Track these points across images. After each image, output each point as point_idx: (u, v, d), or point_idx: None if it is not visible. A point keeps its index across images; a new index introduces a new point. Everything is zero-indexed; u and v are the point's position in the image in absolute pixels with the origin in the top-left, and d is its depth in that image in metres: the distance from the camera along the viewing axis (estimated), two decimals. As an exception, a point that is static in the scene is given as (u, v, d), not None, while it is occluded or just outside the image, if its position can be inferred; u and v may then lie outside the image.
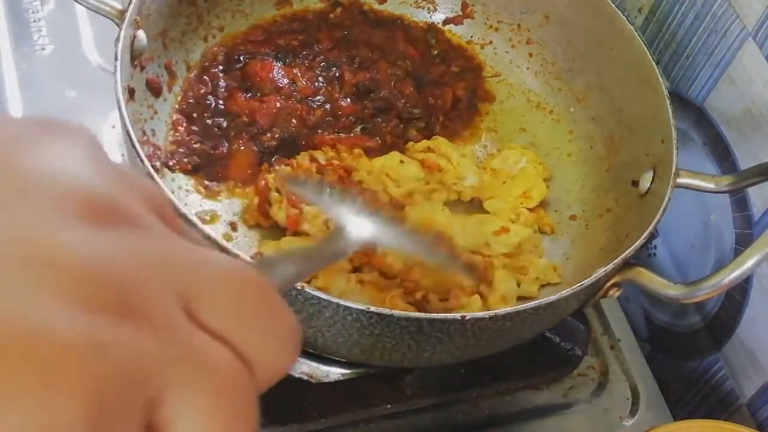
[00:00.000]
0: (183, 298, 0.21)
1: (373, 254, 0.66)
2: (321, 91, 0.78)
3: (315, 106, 0.77)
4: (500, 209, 0.74)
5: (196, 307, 0.22)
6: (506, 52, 0.85)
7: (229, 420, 0.21)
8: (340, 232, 0.47)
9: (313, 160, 0.72)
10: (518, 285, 0.70)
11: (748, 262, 0.57)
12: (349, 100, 0.78)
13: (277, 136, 0.74)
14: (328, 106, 0.77)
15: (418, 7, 0.87)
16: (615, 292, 0.63)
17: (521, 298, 0.69)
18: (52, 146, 0.22)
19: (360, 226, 0.48)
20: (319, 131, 0.75)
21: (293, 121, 0.75)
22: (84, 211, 0.20)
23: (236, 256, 0.52)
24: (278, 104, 0.75)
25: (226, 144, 0.73)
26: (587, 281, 0.58)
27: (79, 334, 0.18)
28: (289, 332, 0.24)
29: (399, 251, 0.58)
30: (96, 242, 0.20)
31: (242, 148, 0.73)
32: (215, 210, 0.71)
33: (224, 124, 0.74)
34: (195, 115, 0.74)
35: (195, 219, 0.56)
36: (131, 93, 0.66)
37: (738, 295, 0.74)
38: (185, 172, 0.71)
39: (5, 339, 0.18)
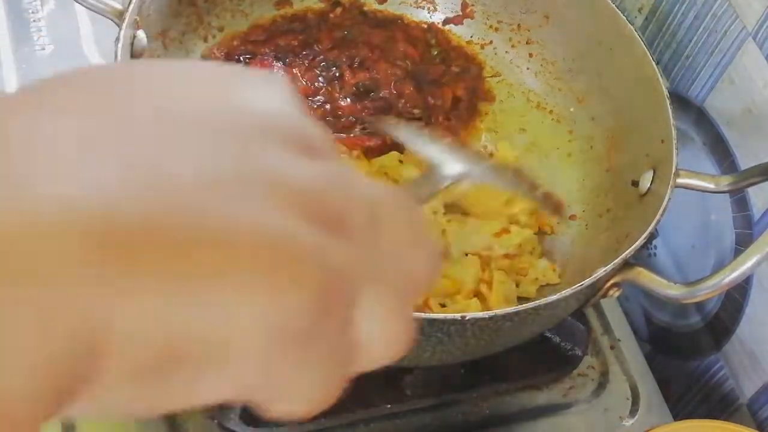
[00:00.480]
0: (373, 219, 0.25)
1: None
2: (321, 91, 0.78)
3: (315, 106, 0.77)
4: (485, 216, 0.74)
5: (381, 226, 0.25)
6: (506, 52, 0.85)
7: (401, 325, 0.25)
8: (434, 169, 0.52)
9: None
10: (517, 286, 0.70)
11: (748, 262, 0.57)
12: (349, 100, 0.78)
13: (277, 136, 0.74)
14: (328, 106, 0.77)
15: (418, 7, 0.87)
16: (615, 292, 0.63)
17: (520, 299, 0.69)
18: (258, 88, 0.25)
19: (452, 164, 0.52)
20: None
21: (293, 121, 0.75)
22: (296, 144, 0.24)
23: None
24: (278, 104, 0.75)
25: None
26: (587, 281, 0.58)
27: (312, 242, 0.22)
28: (436, 247, 0.28)
29: (487, 185, 0.62)
30: (311, 170, 0.23)
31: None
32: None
33: (224, 124, 0.74)
34: (195, 115, 0.74)
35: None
36: (131, 93, 0.66)
37: (738, 295, 0.74)
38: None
39: (256, 244, 0.21)
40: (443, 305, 0.67)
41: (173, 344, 0.20)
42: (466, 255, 0.70)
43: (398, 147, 0.76)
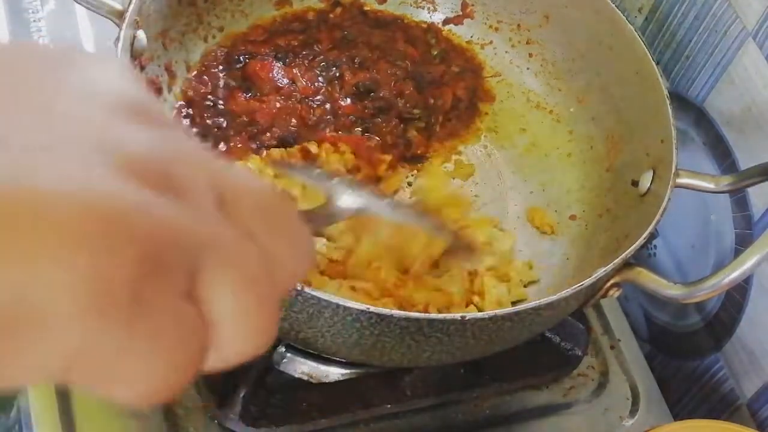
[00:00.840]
0: (218, 193, 0.24)
1: (367, 267, 0.66)
2: (321, 91, 0.78)
3: (315, 105, 0.77)
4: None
5: (230, 204, 0.24)
6: (506, 52, 0.85)
7: (257, 310, 0.24)
8: (331, 202, 0.51)
9: (305, 152, 0.72)
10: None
11: (748, 262, 0.57)
12: (349, 100, 0.78)
13: (276, 136, 0.74)
14: (328, 106, 0.77)
15: (418, 7, 0.87)
16: (615, 292, 0.63)
17: (513, 303, 0.69)
18: (94, 65, 0.26)
19: (349, 198, 0.52)
20: (319, 131, 0.75)
21: (293, 120, 0.75)
22: (130, 113, 0.24)
23: None
24: (278, 104, 0.75)
25: (226, 144, 0.73)
26: (587, 281, 0.58)
27: (134, 200, 0.21)
28: (308, 241, 0.27)
29: (387, 220, 0.60)
30: (143, 136, 0.23)
31: (242, 147, 0.73)
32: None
33: (224, 124, 0.74)
34: (195, 115, 0.74)
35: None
36: (131, 93, 0.66)
37: (738, 295, 0.74)
38: (185, 172, 0.71)
39: (74, 202, 0.21)
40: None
41: None
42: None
43: (398, 147, 0.76)
